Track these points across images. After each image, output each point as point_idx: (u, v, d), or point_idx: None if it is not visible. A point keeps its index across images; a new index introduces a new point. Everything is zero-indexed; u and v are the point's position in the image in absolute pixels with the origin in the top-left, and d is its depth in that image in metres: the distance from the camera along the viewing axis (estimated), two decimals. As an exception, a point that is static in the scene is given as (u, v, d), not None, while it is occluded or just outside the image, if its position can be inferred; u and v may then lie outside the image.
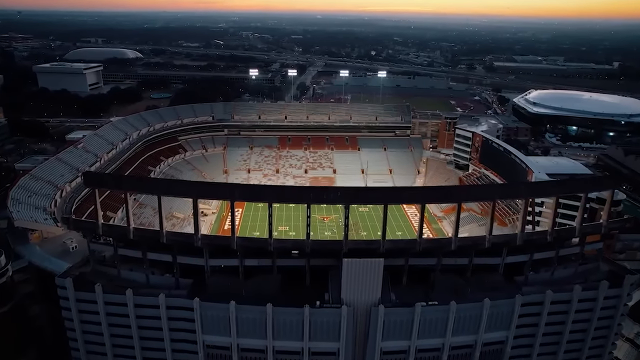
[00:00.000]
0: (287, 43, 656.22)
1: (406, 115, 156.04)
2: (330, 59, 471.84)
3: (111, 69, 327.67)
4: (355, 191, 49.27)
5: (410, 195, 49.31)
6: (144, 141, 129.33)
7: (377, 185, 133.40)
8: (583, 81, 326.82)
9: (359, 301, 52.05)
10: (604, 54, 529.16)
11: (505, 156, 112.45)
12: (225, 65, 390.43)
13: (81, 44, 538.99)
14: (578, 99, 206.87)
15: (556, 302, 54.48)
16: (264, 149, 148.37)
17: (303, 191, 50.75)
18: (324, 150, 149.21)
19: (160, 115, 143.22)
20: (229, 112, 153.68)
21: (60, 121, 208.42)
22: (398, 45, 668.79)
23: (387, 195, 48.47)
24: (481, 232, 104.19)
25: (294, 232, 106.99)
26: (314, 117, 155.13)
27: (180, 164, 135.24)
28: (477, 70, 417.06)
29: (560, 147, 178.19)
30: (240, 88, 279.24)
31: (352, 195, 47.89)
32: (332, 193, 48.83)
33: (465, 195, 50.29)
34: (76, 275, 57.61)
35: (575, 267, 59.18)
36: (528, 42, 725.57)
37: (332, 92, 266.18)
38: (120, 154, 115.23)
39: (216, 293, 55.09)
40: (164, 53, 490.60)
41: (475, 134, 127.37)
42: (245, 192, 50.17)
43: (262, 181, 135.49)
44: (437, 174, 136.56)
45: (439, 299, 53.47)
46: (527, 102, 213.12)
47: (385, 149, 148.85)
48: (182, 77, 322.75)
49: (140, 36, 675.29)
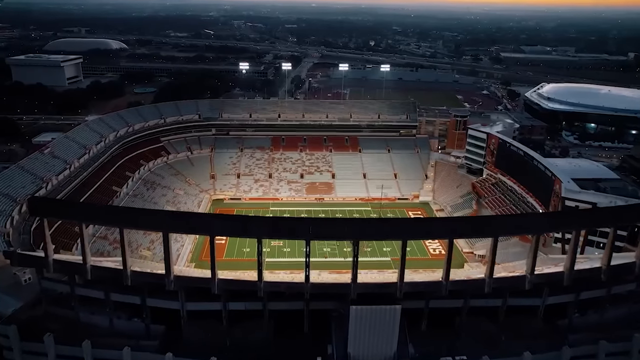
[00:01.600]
0: (281, 33, 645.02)
1: (412, 112, 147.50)
2: (327, 50, 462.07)
3: (93, 61, 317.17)
4: (365, 224, 40.75)
5: (435, 228, 40.88)
6: (122, 143, 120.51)
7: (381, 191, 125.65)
8: (597, 73, 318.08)
9: (369, 356, 43.73)
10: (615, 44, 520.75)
11: (525, 161, 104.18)
12: (215, 56, 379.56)
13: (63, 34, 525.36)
14: (596, 94, 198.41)
15: (612, 354, 46.31)
16: (255, 150, 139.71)
17: (301, 224, 42.14)
18: (321, 152, 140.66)
19: (141, 114, 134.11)
20: (217, 110, 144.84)
21: (35, 118, 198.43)
22: (398, 35, 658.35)
23: (406, 229, 40.03)
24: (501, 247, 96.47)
25: (289, 248, 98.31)
26: (310, 115, 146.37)
27: (163, 168, 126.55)
28: (483, 61, 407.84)
29: (579, 147, 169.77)
30: (231, 82, 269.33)
31: (363, 230, 39.47)
32: (337, 226, 40.35)
33: (503, 227, 41.86)
34: (23, 320, 49.08)
35: (629, 307, 50.97)
36: (533, 31, 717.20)
37: (330, 86, 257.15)
38: (94, 159, 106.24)
39: (194, 343, 46.74)
40: (150, 43, 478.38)
41: (490, 135, 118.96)
42: (227, 224, 41.53)
43: (253, 187, 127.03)
44: (447, 179, 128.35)
45: (468, 352, 45.21)
46: (541, 97, 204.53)
47: (389, 151, 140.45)
48: (168, 69, 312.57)
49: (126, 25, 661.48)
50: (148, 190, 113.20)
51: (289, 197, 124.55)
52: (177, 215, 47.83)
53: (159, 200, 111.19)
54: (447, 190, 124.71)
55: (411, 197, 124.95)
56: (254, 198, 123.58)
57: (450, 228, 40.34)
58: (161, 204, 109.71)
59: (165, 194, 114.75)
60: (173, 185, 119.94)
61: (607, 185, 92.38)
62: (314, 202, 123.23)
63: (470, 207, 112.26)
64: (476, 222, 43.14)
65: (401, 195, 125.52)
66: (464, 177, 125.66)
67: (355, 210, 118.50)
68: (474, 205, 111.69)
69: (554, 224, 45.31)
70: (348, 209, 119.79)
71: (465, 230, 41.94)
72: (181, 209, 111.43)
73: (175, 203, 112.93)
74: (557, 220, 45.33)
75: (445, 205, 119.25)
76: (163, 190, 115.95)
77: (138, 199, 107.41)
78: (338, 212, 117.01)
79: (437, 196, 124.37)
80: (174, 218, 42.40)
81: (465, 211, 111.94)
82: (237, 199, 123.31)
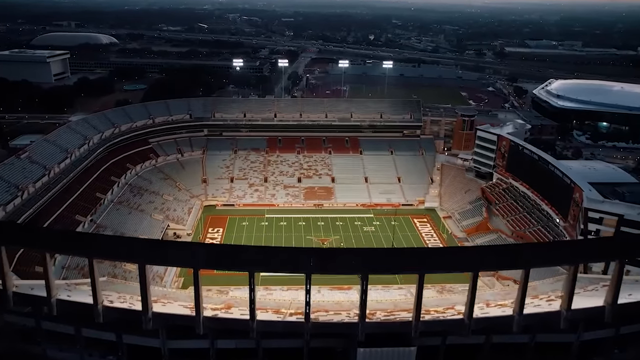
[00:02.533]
0: (277, 26, 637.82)
1: (416, 112, 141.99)
2: (325, 44, 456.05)
3: (81, 57, 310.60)
4: (377, 256, 35.25)
5: (458, 260, 35.57)
6: (107, 146, 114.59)
7: (385, 197, 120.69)
8: (606, 68, 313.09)
9: (379, 404, 38.48)
10: (621, 38, 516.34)
11: (540, 166, 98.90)
12: (209, 51, 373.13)
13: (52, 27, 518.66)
14: (608, 91, 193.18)
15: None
16: (249, 152, 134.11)
17: (299, 255, 36.74)
18: (320, 154, 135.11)
19: (128, 114, 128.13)
20: (209, 109, 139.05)
21: (18, 117, 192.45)
22: (398, 29, 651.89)
23: (424, 261, 34.72)
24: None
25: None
26: (308, 115, 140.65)
27: (151, 172, 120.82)
28: (487, 56, 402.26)
29: (591, 148, 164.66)
30: (224, 78, 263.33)
31: (373, 263, 34.16)
32: (343, 258, 35.04)
33: (537, 258, 36.57)
34: (-18, 358, 43.85)
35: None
36: (536, 25, 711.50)
37: (328, 82, 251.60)
38: (77, 164, 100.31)
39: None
40: (141, 38, 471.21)
41: (501, 137, 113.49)
42: (214, 255, 36.17)
43: (247, 192, 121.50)
44: (455, 183, 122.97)
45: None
46: (549, 94, 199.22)
47: (392, 153, 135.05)
48: (160, 65, 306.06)
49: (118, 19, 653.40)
50: (135, 196, 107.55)
51: (285, 203, 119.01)
52: (155, 245, 42.30)
53: (146, 207, 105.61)
54: (455, 195, 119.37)
55: (416, 203, 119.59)
56: (248, 204, 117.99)
57: (475, 260, 35.00)
58: (148, 211, 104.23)
59: (153, 201, 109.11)
60: (162, 190, 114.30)
61: (624, 190, 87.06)
62: (312, 208, 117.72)
63: (480, 214, 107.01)
64: (505, 252, 37.70)
65: (405, 201, 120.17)
66: (473, 182, 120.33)
67: (356, 218, 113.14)
68: (484, 212, 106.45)
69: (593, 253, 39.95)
70: (349, 216, 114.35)
71: (492, 262, 36.57)
72: (170, 216, 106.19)
73: (164, 210, 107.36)
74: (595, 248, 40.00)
75: (452, 212, 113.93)
76: (151, 197, 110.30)
77: (123, 206, 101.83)
78: (338, 220, 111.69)
79: (443, 202, 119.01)
80: (151, 248, 37.03)
81: (475, 219, 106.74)
82: (231, 205, 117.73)
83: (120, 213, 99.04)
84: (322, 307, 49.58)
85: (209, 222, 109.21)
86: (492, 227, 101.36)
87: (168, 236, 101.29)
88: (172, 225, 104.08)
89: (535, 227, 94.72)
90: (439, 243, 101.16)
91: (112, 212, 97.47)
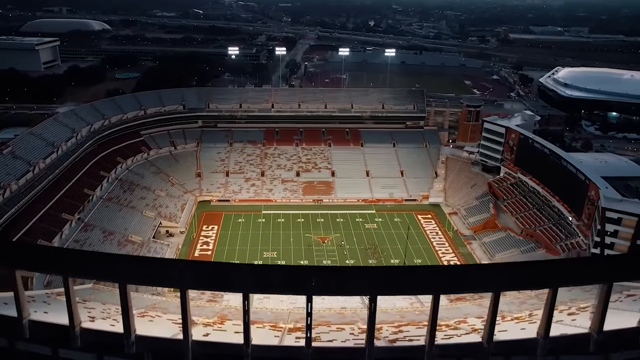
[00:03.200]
0: (275, 12, 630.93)
1: (419, 102, 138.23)
2: (323, 31, 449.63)
3: (72, 44, 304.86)
4: (387, 275, 31.67)
5: (477, 280, 32.12)
6: (97, 139, 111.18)
7: (387, 192, 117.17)
8: (614, 56, 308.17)
9: None
10: (628, 24, 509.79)
11: (551, 160, 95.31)
12: (204, 38, 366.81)
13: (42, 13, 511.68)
14: (617, 79, 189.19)
15: None
16: (246, 145, 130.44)
17: (299, 274, 33.20)
18: (319, 147, 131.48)
19: (118, 105, 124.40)
20: (204, 100, 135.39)
21: (6, 108, 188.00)
22: (398, 14, 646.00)
23: (440, 281, 31.24)
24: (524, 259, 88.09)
25: (284, 260, 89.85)
26: (307, 105, 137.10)
27: (143, 166, 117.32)
28: (491, 43, 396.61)
29: (600, 139, 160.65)
30: (220, 66, 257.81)
31: (381, 283, 30.68)
32: (349, 278, 31.52)
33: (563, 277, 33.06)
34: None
35: None
36: (540, 10, 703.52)
37: (327, 70, 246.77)
38: (64, 158, 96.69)
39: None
40: (135, 24, 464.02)
41: (509, 130, 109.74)
42: (204, 274, 32.60)
43: (243, 187, 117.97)
44: (460, 177, 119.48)
45: None
46: (557, 82, 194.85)
47: (394, 145, 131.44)
48: (153, 52, 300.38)
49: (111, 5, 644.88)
50: (125, 192, 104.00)
51: (283, 199, 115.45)
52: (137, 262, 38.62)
53: (138, 203, 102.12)
54: (460, 190, 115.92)
55: (420, 198, 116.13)
56: (244, 200, 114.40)
57: (497, 280, 31.53)
58: (140, 208, 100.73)
59: (145, 197, 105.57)
60: (154, 185, 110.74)
61: (638, 184, 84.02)
62: (311, 204, 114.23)
63: (487, 210, 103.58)
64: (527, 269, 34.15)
65: (409, 196, 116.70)
66: (479, 176, 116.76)
67: (357, 214, 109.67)
68: (492, 208, 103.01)
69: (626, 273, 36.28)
70: (350, 212, 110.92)
71: (515, 281, 33.08)
72: (162, 213, 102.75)
73: (156, 207, 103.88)
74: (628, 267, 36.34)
75: (458, 207, 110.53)
76: (142, 192, 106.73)
77: (113, 203, 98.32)
78: (339, 216, 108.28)
79: (448, 197, 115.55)
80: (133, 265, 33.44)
81: (482, 215, 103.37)
82: (226, 201, 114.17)
83: (110, 210, 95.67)
84: (323, 319, 46.32)
85: (203, 219, 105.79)
86: (500, 225, 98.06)
87: (160, 234, 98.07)
88: (165, 222, 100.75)
89: (546, 224, 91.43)
90: (445, 241, 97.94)
91: (101, 210, 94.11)
